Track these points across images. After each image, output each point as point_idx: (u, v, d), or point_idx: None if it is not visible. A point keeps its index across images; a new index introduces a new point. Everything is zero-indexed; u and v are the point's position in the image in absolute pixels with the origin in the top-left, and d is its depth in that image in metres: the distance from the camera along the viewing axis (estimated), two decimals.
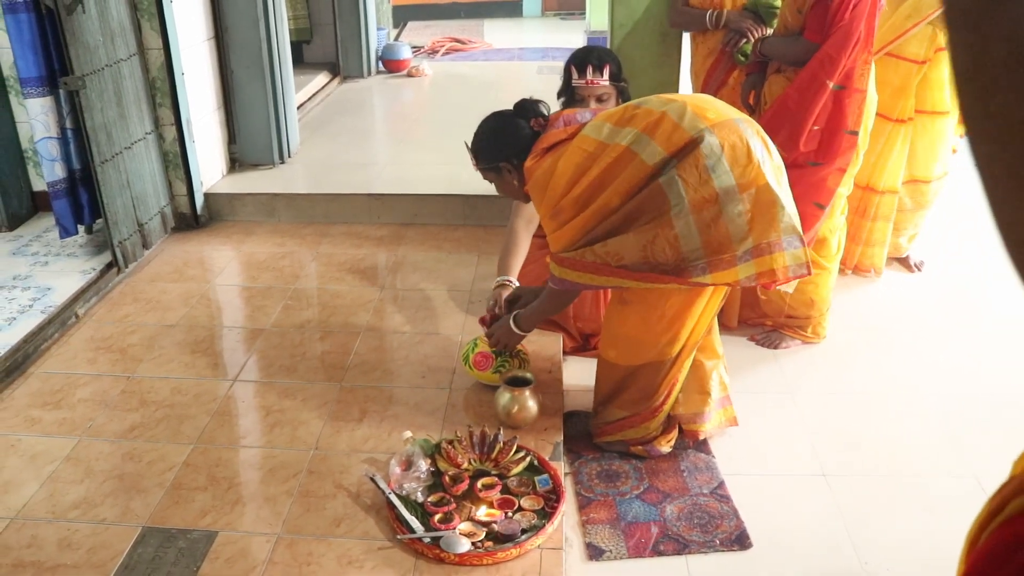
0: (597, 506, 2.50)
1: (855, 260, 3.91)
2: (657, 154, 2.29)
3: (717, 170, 2.27)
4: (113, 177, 3.63)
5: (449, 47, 8.49)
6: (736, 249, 2.30)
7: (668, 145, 2.29)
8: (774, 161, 2.37)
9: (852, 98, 3.02)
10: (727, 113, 2.37)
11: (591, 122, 2.48)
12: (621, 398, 2.67)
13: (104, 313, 3.43)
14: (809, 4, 3.00)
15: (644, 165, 2.31)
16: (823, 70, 2.97)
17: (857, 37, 2.93)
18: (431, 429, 2.68)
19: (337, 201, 4.31)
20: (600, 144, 2.39)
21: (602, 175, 2.37)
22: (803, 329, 3.33)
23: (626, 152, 2.34)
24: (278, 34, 4.57)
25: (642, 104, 2.43)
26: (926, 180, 3.80)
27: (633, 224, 2.35)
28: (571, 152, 2.44)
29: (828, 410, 3.00)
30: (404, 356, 3.11)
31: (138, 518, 2.34)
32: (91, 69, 3.45)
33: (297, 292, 3.60)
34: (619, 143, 2.36)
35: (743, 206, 2.27)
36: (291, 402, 2.84)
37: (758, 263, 2.31)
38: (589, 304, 3.19)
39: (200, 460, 2.57)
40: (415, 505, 2.32)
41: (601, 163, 2.37)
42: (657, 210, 2.31)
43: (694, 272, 2.32)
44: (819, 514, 2.50)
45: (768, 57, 3.26)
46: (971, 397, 3.06)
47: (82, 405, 2.84)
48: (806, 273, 2.36)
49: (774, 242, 2.30)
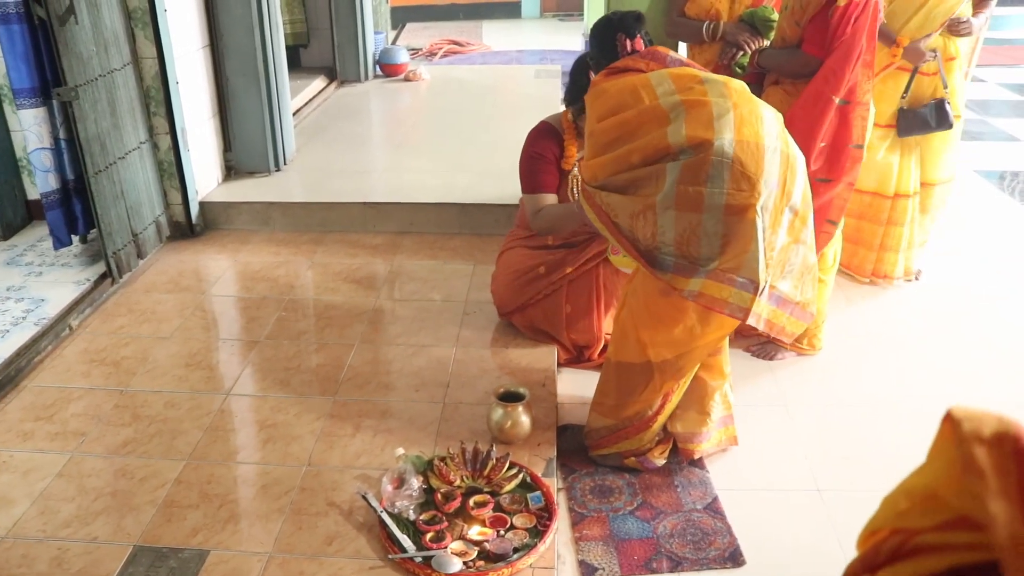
0: (590, 523, 2.50)
1: (898, 269, 3.89)
2: (680, 137, 2.26)
3: (714, 183, 2.23)
4: (107, 187, 3.62)
5: (447, 49, 8.48)
6: (700, 263, 2.27)
7: (692, 134, 2.25)
8: (792, 204, 2.32)
9: (856, 112, 3.00)
10: (772, 138, 2.29)
11: (662, 72, 2.41)
12: (604, 402, 2.66)
13: (98, 325, 3.43)
14: (808, 17, 2.98)
15: (665, 139, 2.28)
16: (828, 85, 2.95)
17: (859, 51, 2.92)
18: (424, 444, 2.67)
19: (333, 209, 4.30)
20: (653, 95, 2.35)
21: (634, 124, 2.35)
22: (799, 341, 3.32)
23: (662, 118, 2.31)
24: (273, 41, 4.56)
25: (706, 82, 2.35)
26: (932, 183, 3.80)
27: (633, 190, 2.34)
28: (629, 85, 2.40)
29: (823, 423, 2.99)
30: (398, 369, 3.10)
31: (130, 536, 2.33)
32: (84, 79, 3.44)
33: (292, 303, 3.59)
34: (661, 105, 2.32)
35: (721, 229, 2.25)
36: (284, 417, 2.83)
37: (707, 284, 2.27)
38: (583, 315, 3.18)
39: (192, 476, 2.56)
40: (407, 523, 2.31)
41: (641, 112, 2.34)
42: (653, 189, 2.30)
43: (660, 265, 2.31)
44: (813, 530, 2.49)
45: (766, 69, 3.25)
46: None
47: (75, 420, 2.83)
48: (742, 319, 2.30)
49: (731, 274, 2.26)
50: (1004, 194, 5.24)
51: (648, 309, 2.47)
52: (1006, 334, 3.55)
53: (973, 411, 0.52)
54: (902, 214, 3.77)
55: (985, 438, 0.50)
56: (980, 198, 5.07)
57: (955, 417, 0.52)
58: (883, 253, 3.87)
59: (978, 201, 5.01)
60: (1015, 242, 4.46)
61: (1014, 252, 4.34)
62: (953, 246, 4.32)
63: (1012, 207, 5.02)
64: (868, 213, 3.75)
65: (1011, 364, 3.33)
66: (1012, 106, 7.50)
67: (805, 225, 2.39)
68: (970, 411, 0.52)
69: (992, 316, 3.69)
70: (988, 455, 0.49)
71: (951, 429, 0.52)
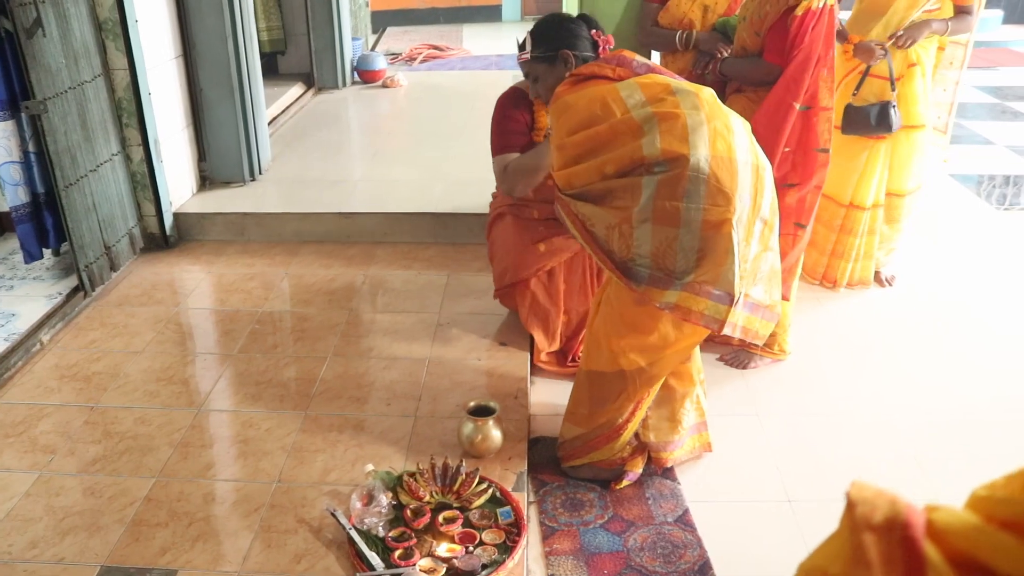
0: (561, 536, 2.50)
1: (846, 278, 3.92)
2: (655, 149, 2.25)
3: (691, 199, 2.23)
4: (78, 200, 3.60)
5: (427, 55, 8.46)
6: (676, 276, 2.28)
7: (667, 147, 2.24)
8: (762, 215, 2.34)
9: (819, 116, 3.04)
10: (744, 151, 2.31)
11: (630, 81, 2.40)
12: (577, 411, 2.67)
13: (70, 339, 3.40)
14: (767, 26, 3.02)
15: (640, 151, 2.27)
16: (789, 93, 2.99)
17: (817, 57, 2.96)
18: (395, 459, 2.67)
19: (307, 220, 4.29)
20: (624, 107, 2.33)
21: (607, 136, 2.34)
22: (768, 346, 3.33)
23: (636, 130, 2.29)
24: (247, 50, 4.54)
25: (677, 92, 2.34)
26: (900, 194, 3.82)
27: (609, 200, 2.34)
28: (598, 96, 2.38)
29: (795, 431, 3.00)
30: (370, 382, 3.09)
31: (97, 557, 2.32)
32: (53, 92, 3.42)
33: (265, 316, 3.58)
34: (634, 118, 2.31)
35: (698, 243, 2.26)
36: (255, 432, 2.82)
37: (683, 297, 2.27)
38: (577, 291, 3.22)
39: (161, 494, 2.55)
40: (376, 540, 2.31)
41: (613, 125, 2.33)
42: (629, 202, 2.29)
43: (635, 277, 2.31)
44: (783, 541, 2.50)
45: (728, 77, 3.28)
46: (938, 415, 3.07)
47: (44, 437, 2.81)
48: (716, 330, 2.31)
49: (707, 287, 2.27)
50: (980, 199, 5.28)
51: (622, 318, 2.47)
52: (979, 340, 3.57)
53: (870, 492, 0.52)
54: (855, 224, 3.79)
55: (875, 525, 0.50)
56: (955, 202, 5.10)
57: (851, 500, 0.52)
58: (833, 259, 3.90)
59: (953, 205, 5.04)
60: (989, 247, 4.49)
61: (988, 257, 4.36)
62: (927, 251, 4.35)
63: (987, 211, 5.06)
64: (822, 216, 3.77)
65: (982, 370, 3.36)
66: (988, 109, 7.55)
67: (772, 232, 2.41)
68: (867, 493, 0.52)
69: (966, 322, 3.71)
70: (877, 543, 0.49)
71: (847, 512, 0.52)
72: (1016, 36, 9.96)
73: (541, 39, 2.71)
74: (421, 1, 11.37)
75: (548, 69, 2.69)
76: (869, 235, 3.84)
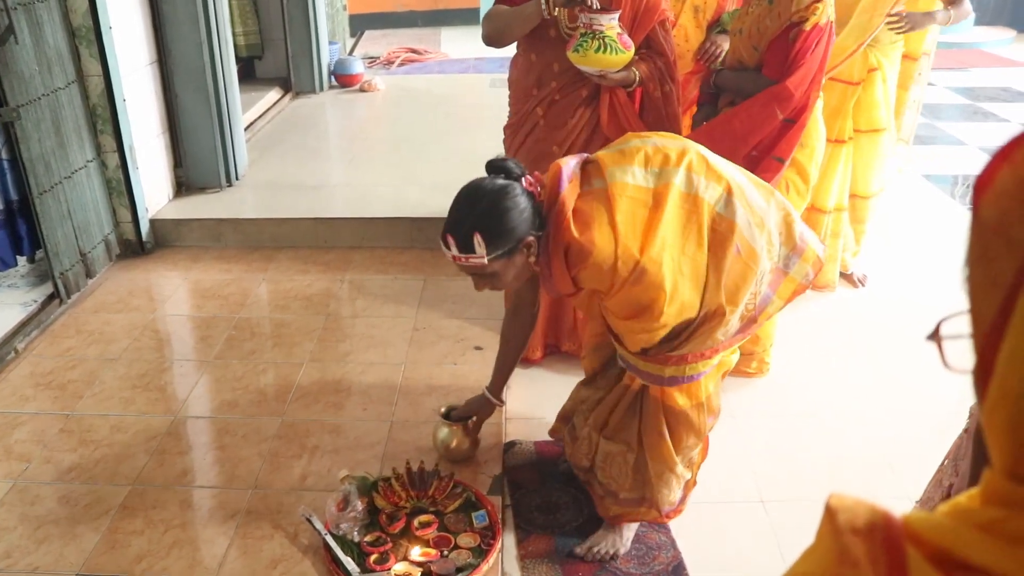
0: (536, 539, 2.52)
1: None
2: (715, 191, 2.07)
3: None
4: (53, 207, 3.59)
5: (405, 58, 8.47)
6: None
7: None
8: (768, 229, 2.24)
9: (793, 131, 3.04)
10: (759, 242, 2.16)
11: (611, 168, 2.06)
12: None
13: (45, 347, 3.40)
14: (767, 42, 2.98)
15: (708, 205, 2.06)
16: (779, 103, 2.96)
17: (815, 76, 2.96)
18: (371, 464, 2.68)
19: (284, 225, 4.30)
20: (651, 191, 2.04)
21: (682, 225, 2.04)
22: (745, 365, 3.34)
23: (691, 195, 2.05)
24: (223, 56, 4.54)
25: (646, 141, 2.14)
26: (865, 196, 3.87)
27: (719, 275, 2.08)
28: (621, 205, 2.01)
29: (770, 432, 3.03)
30: (347, 388, 3.10)
31: (72, 565, 2.32)
32: (26, 99, 3.41)
33: (241, 322, 3.58)
34: (674, 183, 2.04)
35: None
36: (231, 438, 2.83)
37: None
38: None
39: (137, 502, 2.55)
40: (351, 545, 2.32)
41: (671, 211, 2.03)
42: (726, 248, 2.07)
43: None
44: (756, 542, 2.53)
45: (722, 89, 3.26)
46: (911, 417, 3.10)
47: (19, 446, 2.81)
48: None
49: None
50: (952, 200, 5.34)
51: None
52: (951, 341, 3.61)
53: (849, 501, 0.55)
54: (816, 227, 3.80)
55: (858, 528, 0.52)
56: (927, 203, 5.15)
57: (832, 508, 0.54)
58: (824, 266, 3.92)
59: (925, 206, 5.09)
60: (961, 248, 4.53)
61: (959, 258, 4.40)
62: (899, 252, 4.40)
63: (959, 212, 5.12)
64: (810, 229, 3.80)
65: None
66: (961, 110, 7.63)
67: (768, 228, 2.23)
68: (846, 501, 0.54)
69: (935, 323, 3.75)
70: (861, 544, 0.51)
71: (829, 520, 0.54)
72: (987, 37, 10.07)
73: (498, 240, 2.04)
74: (399, 4, 11.37)
75: (508, 261, 2.10)
76: (833, 238, 3.86)
